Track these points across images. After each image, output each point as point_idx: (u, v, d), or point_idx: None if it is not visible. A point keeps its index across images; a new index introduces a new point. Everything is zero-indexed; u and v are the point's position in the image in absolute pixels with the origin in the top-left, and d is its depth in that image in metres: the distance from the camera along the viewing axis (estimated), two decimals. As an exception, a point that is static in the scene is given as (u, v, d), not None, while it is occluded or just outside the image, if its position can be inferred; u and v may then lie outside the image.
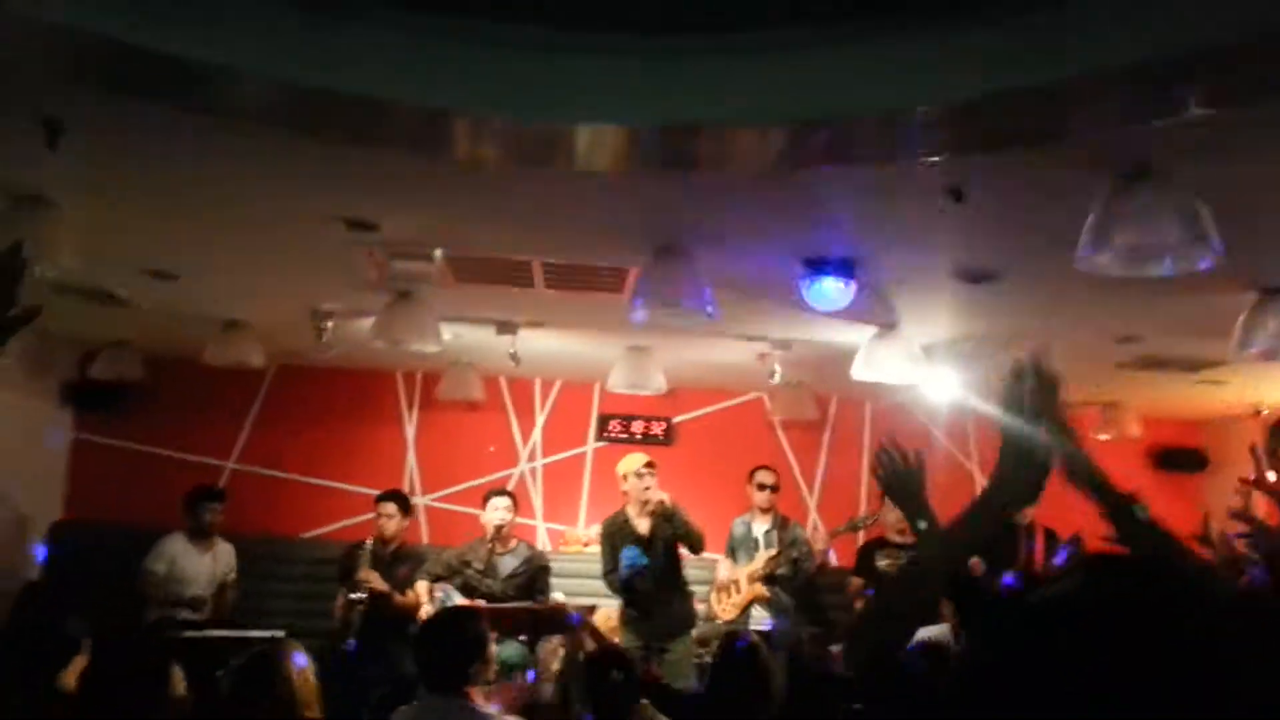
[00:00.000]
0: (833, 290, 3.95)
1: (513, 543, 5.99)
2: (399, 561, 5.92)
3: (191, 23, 2.42)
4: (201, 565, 6.11)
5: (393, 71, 2.63)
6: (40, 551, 6.46)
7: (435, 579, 5.76)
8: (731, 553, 6.23)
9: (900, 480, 1.86)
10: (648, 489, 5.63)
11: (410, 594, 5.74)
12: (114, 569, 5.89)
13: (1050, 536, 5.95)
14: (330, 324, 5.47)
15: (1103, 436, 7.07)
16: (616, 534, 5.76)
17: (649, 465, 5.74)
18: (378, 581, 5.67)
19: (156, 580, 5.93)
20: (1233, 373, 5.89)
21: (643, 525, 5.68)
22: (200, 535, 6.17)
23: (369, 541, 5.91)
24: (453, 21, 2.63)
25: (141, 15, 2.43)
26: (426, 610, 5.49)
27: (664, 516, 5.57)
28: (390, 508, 6.05)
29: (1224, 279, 3.57)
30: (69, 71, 2.68)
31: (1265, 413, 6.98)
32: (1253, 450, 2.67)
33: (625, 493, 5.80)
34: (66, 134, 3.00)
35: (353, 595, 5.68)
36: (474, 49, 2.67)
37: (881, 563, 5.91)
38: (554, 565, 6.18)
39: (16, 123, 2.95)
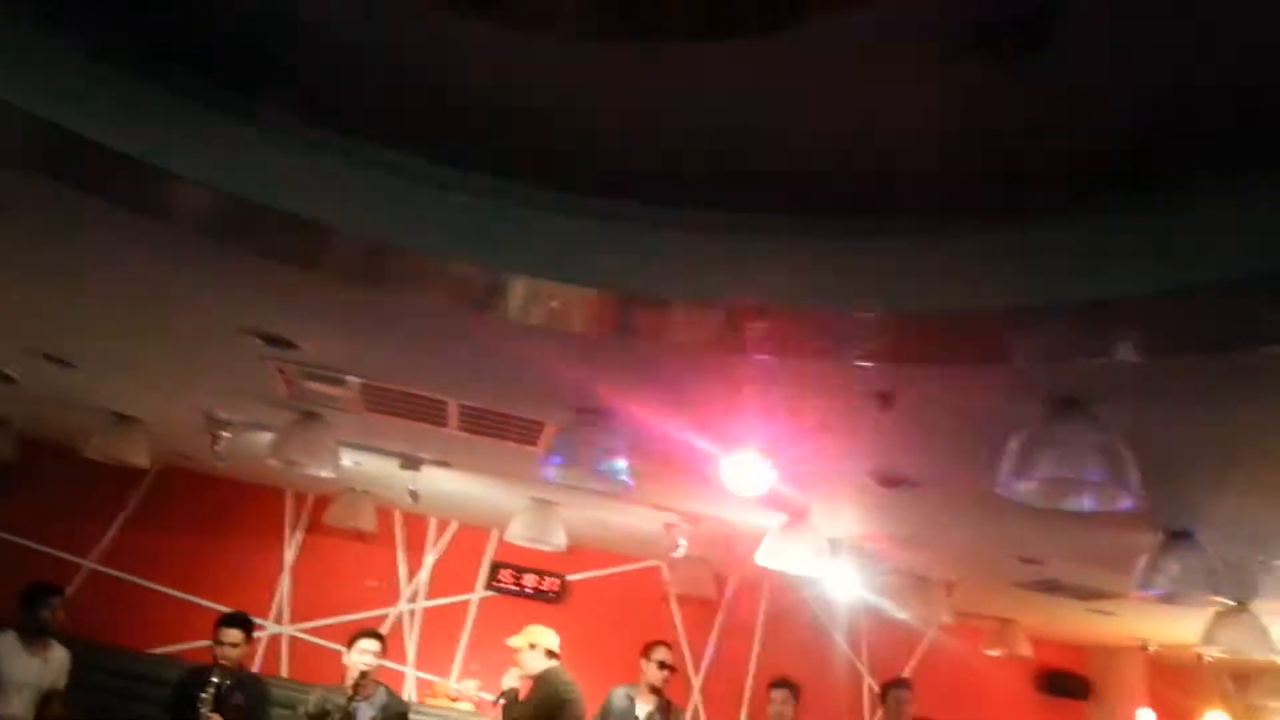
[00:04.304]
0: (750, 474, 3.88)
1: (373, 689, 5.62)
2: (236, 690, 5.48)
3: (131, 120, 2.32)
4: (29, 669, 5.55)
5: (336, 197, 2.56)
6: None
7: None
8: (604, 720, 5.93)
9: None
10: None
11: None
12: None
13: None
14: (227, 433, 5.22)
15: (993, 653, 7.04)
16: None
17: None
18: None
19: None
20: (1122, 606, 5.95)
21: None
22: (36, 635, 5.64)
23: (217, 677, 5.43)
24: (404, 159, 2.59)
25: (83, 105, 2.34)
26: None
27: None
28: (236, 634, 5.58)
29: (1132, 517, 3.60)
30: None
31: (1151, 649, 7.05)
32: None
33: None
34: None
35: None
36: (421, 188, 2.63)
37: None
38: (417, 720, 5.82)
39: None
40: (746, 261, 2.65)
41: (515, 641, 5.53)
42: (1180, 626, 6.12)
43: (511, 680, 5.51)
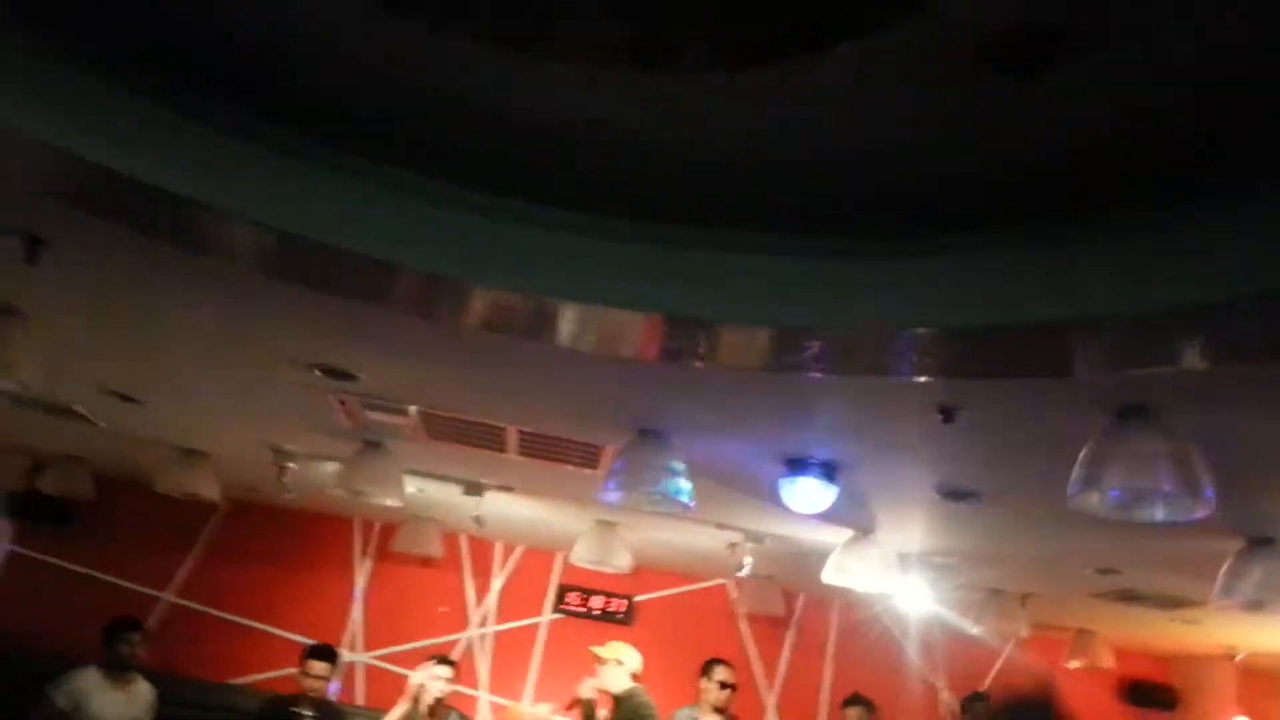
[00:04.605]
0: (812, 492, 3.83)
1: (447, 714, 5.65)
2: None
3: (190, 161, 2.37)
4: (112, 705, 5.66)
5: (391, 232, 2.58)
6: None
7: None
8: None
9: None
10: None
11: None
12: (22, 695, 5.48)
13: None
14: (293, 464, 5.31)
15: (1073, 664, 6.86)
16: None
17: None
18: None
19: (53, 715, 5.49)
20: (1207, 614, 5.76)
21: None
22: (118, 671, 5.76)
23: (306, 709, 5.49)
24: (459, 190, 2.60)
25: (143, 148, 2.39)
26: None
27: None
28: (323, 667, 5.66)
29: (1209, 525, 3.48)
30: (59, 192, 2.62)
31: (1239, 657, 6.80)
32: None
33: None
34: (48, 250, 2.92)
35: None
36: (476, 218, 2.64)
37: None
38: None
39: (-4, 232, 2.87)
40: (799, 281, 2.62)
41: (604, 653, 5.32)
42: (1270, 633, 5.90)
43: (587, 691, 5.27)
